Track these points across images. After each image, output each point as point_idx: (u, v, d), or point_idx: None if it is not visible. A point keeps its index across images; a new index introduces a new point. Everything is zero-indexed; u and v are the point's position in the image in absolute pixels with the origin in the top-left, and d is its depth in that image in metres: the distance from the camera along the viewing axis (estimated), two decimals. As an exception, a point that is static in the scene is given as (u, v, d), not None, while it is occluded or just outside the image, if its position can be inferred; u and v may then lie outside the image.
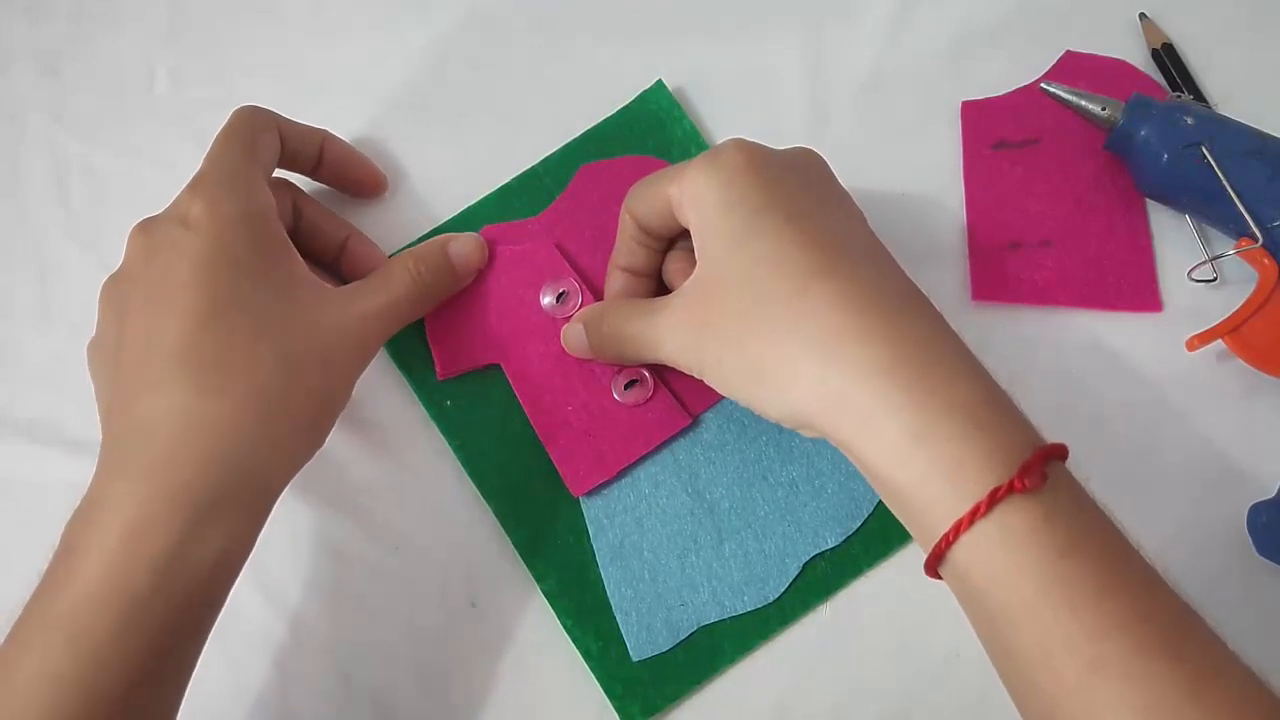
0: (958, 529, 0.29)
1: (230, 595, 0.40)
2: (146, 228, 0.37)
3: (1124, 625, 0.28)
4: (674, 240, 0.39)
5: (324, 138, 0.42)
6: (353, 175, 0.43)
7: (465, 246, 0.41)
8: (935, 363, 0.32)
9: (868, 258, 0.35)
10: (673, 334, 0.36)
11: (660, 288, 0.40)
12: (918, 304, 0.34)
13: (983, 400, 0.31)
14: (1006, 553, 0.29)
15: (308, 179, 0.43)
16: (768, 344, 0.33)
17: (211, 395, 0.33)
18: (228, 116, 0.39)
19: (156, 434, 0.33)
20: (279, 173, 0.41)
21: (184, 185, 0.37)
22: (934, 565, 0.31)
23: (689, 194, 0.35)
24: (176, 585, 0.32)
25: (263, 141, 0.39)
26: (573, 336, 0.40)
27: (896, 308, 0.33)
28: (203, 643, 0.34)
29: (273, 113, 0.40)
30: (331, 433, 0.41)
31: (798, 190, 0.35)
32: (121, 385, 0.34)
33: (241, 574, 0.40)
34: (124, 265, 0.37)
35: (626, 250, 0.39)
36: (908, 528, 0.32)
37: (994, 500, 0.29)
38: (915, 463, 0.30)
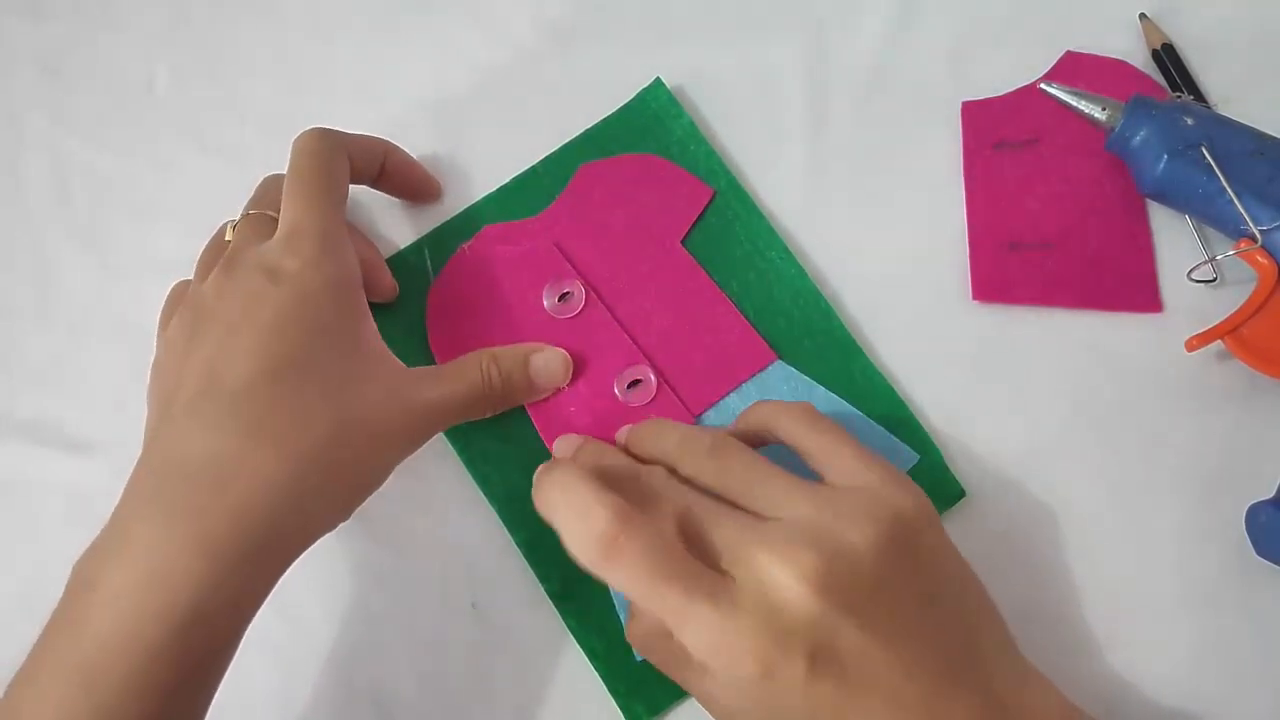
0: None
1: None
2: (232, 266, 0.36)
3: None
4: None
5: (386, 150, 0.42)
6: (411, 185, 0.43)
7: (550, 363, 0.39)
8: None
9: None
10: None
11: None
12: None
13: None
14: None
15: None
16: None
17: (260, 445, 0.32)
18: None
19: (193, 474, 0.32)
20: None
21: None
22: None
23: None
24: (193, 638, 0.31)
25: (341, 179, 0.38)
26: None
27: None
28: (213, 693, 0.34)
29: (339, 134, 0.39)
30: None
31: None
32: (172, 415, 0.34)
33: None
34: (198, 295, 0.36)
35: None
36: None
37: None
38: None
